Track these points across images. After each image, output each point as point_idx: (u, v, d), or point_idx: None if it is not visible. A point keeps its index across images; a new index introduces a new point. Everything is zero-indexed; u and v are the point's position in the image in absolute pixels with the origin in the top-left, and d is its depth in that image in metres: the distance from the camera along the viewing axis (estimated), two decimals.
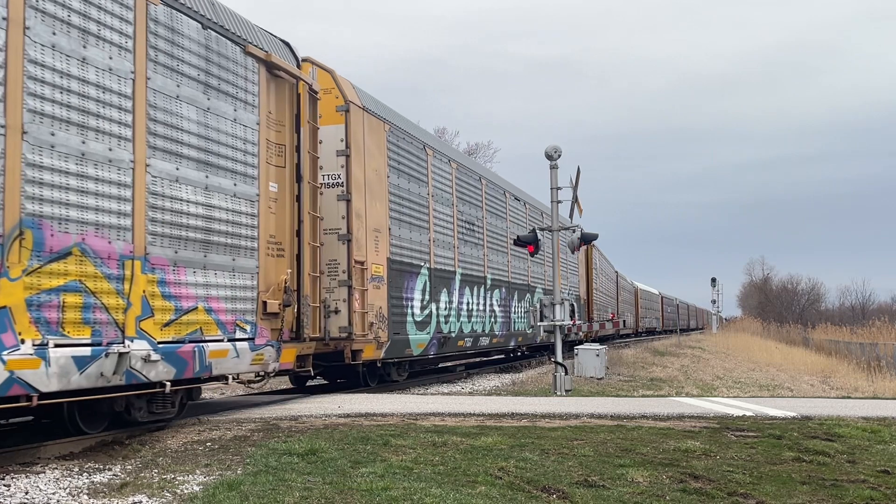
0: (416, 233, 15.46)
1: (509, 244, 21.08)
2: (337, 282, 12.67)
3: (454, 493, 5.78)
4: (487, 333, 19.32)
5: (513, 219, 22.55)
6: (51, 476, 6.54)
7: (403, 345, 14.61)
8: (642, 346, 39.58)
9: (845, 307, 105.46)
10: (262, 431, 8.51)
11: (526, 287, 23.25)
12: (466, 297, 17.93)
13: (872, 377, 26.47)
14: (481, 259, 19.19)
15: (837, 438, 8.32)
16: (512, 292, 21.58)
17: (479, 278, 18.86)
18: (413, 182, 15.50)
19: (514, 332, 21.62)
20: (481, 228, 19.39)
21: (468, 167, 19.29)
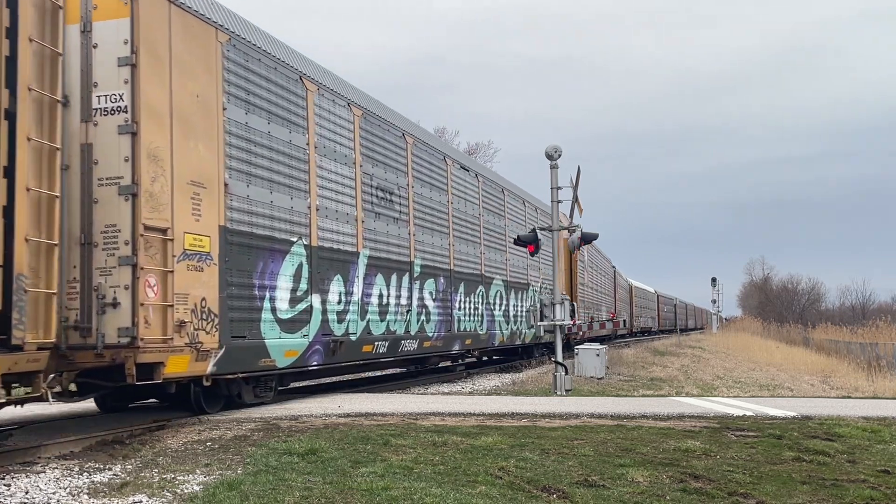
0: (284, 195, 10.96)
1: (451, 223, 17.10)
2: (116, 259, 8.34)
3: (454, 492, 5.78)
4: (415, 335, 14.90)
5: (459, 194, 17.93)
6: (51, 476, 6.54)
7: (255, 353, 10.18)
8: (642, 346, 39.57)
9: (845, 307, 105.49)
10: (263, 431, 8.51)
11: (479, 278, 18.75)
12: (379, 288, 13.57)
13: (872, 377, 26.45)
14: (406, 239, 14.72)
15: (837, 438, 8.32)
16: (456, 283, 17.16)
17: (400, 263, 14.44)
18: (278, 124, 10.93)
19: (459, 334, 17.12)
20: (405, 199, 14.83)
21: (385, 119, 14.41)
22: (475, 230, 18.77)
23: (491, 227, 20.00)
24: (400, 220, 14.57)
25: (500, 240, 20.72)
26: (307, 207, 11.50)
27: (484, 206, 19.64)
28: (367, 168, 13.42)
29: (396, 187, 14.54)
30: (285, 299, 10.86)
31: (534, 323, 16.77)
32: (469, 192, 18.62)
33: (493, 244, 20.12)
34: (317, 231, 11.72)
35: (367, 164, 13.41)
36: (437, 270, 16.21)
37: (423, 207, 15.75)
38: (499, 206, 21.03)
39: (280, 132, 11.01)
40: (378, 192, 13.86)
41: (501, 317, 20.10)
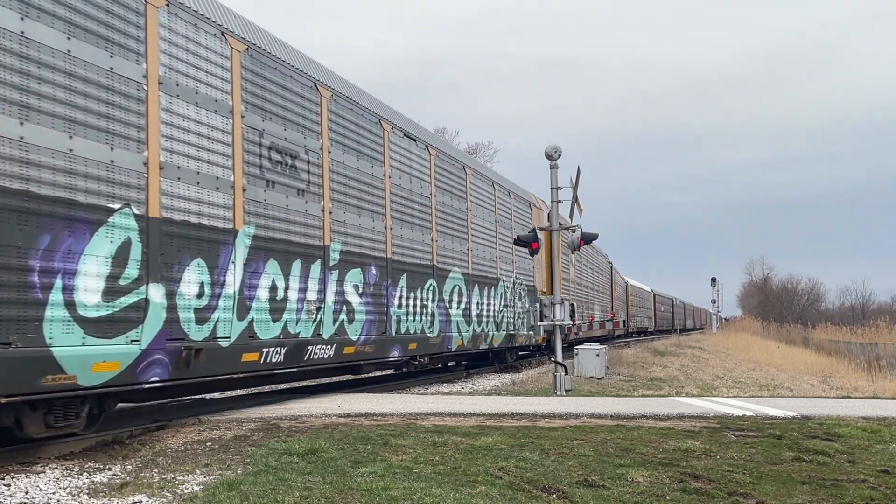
0: (97, 142, 7.81)
1: (389, 202, 13.83)
2: None
3: (454, 492, 5.78)
4: (330, 339, 11.56)
5: (402, 167, 14.54)
6: (51, 476, 6.54)
7: (34, 366, 6.99)
8: (641, 346, 39.56)
9: (845, 307, 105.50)
10: (262, 431, 8.52)
11: (429, 269, 15.45)
12: (271, 279, 10.30)
13: (872, 377, 26.46)
14: (317, 217, 11.41)
15: (837, 438, 8.32)
16: (396, 275, 13.89)
17: (307, 248, 11.15)
18: (84, 40, 7.77)
19: (398, 337, 13.84)
20: (317, 167, 11.55)
21: (283, 62, 11.09)
22: (425, 213, 15.39)
23: (447, 210, 16.55)
24: (308, 193, 11.25)
25: (461, 226, 17.36)
26: (142, 163, 8.29)
27: (438, 186, 16.17)
28: (252, 121, 10.17)
29: (304, 150, 11.23)
30: (95, 290, 7.62)
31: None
32: (416, 167, 15.16)
33: (451, 230, 16.65)
34: (159, 197, 8.52)
35: (252, 116, 10.18)
36: (367, 258, 12.86)
37: (346, 179, 12.36)
38: (459, 186, 17.48)
39: (89, 52, 7.78)
40: (272, 153, 10.53)
41: (460, 316, 16.86)
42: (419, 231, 15.14)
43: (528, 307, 21.74)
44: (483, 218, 18.93)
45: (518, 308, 21.09)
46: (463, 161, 18.43)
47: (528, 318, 21.47)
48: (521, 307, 21.27)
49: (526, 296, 21.89)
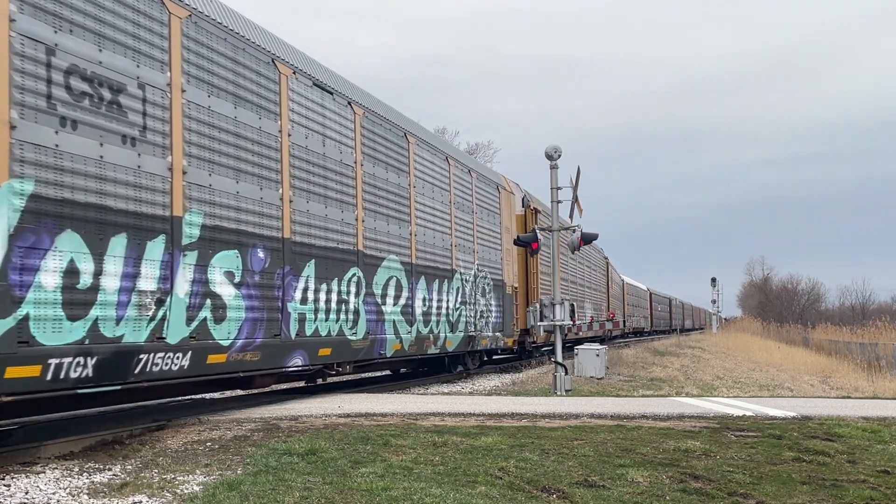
0: None
1: (289, 168, 10.84)
2: None
3: (454, 493, 5.78)
4: (180, 344, 8.64)
5: (311, 125, 11.51)
6: (51, 476, 6.54)
7: None
8: (641, 346, 39.57)
9: (845, 307, 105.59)
10: (262, 431, 8.52)
11: (353, 256, 12.36)
12: (58, 261, 7.28)
13: (872, 377, 26.46)
14: (156, 176, 8.45)
15: (837, 438, 8.33)
16: (299, 261, 10.89)
17: (135, 219, 8.15)
18: None
19: (300, 340, 10.85)
20: (158, 107, 8.55)
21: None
22: (346, 185, 12.26)
23: (380, 184, 13.46)
24: (144, 143, 8.29)
25: (401, 205, 14.27)
26: None
27: (368, 154, 13.03)
28: (33, 30, 7.13)
29: (136, 83, 8.23)
30: None
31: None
32: (334, 128, 11.99)
33: (385, 209, 13.61)
34: None
35: (27, 22, 7.07)
36: (249, 238, 9.90)
37: (214, 131, 9.40)
38: (398, 157, 14.30)
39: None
40: (72, 80, 7.46)
41: (399, 314, 13.88)
42: (336, 207, 11.91)
43: (494, 304, 19.09)
44: (433, 198, 15.76)
45: (481, 305, 18.23)
46: (405, 127, 14.81)
47: (491, 318, 18.77)
48: (484, 304, 18.44)
49: (492, 291, 19.06)
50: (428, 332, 15.27)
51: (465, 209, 17.88)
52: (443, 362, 17.89)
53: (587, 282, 34.14)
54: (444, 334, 16.03)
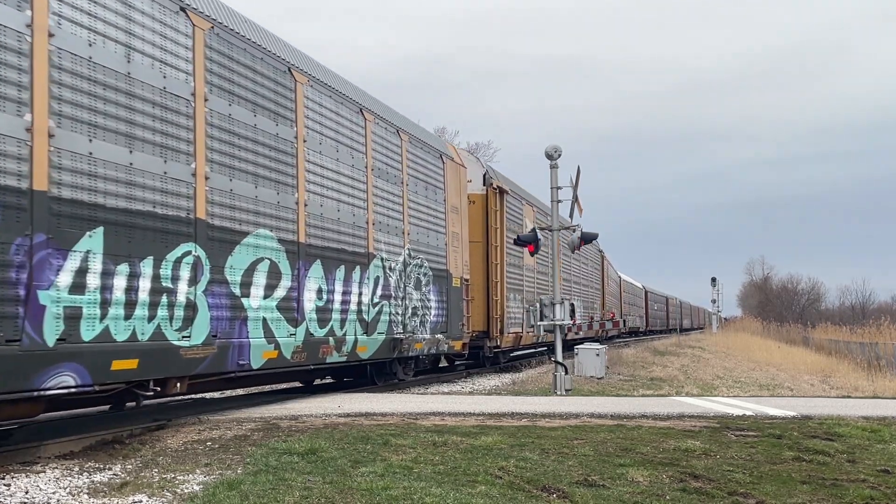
0: None
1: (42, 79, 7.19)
2: None
3: (454, 492, 5.79)
4: None
5: (136, 42, 8.40)
6: (51, 475, 6.54)
7: None
8: (641, 345, 39.56)
9: (845, 307, 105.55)
10: (262, 431, 8.52)
11: (182, 225, 8.93)
12: None
13: (872, 377, 26.47)
14: None
15: (837, 438, 8.33)
16: (61, 233, 7.31)
17: None
18: None
19: (64, 350, 7.21)
20: None
21: None
22: (171, 124, 8.75)
23: (241, 130, 9.98)
24: None
25: (280, 163, 10.76)
26: None
27: (217, 85, 9.58)
28: None
29: None
30: None
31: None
32: (147, 38, 8.49)
33: (252, 166, 10.14)
34: None
35: None
36: None
37: None
38: (275, 97, 10.76)
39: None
40: None
41: (274, 311, 10.42)
42: (153, 154, 8.44)
43: (434, 299, 15.74)
44: (337, 159, 12.06)
45: (414, 300, 14.68)
46: (289, 60, 11.20)
47: (429, 316, 15.49)
48: (419, 299, 14.94)
49: (431, 283, 15.59)
50: (326, 334, 11.47)
51: (392, 179, 13.98)
52: (347, 373, 14.72)
53: (579, 278, 31.43)
54: (355, 337, 12.28)
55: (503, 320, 19.67)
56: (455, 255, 17.13)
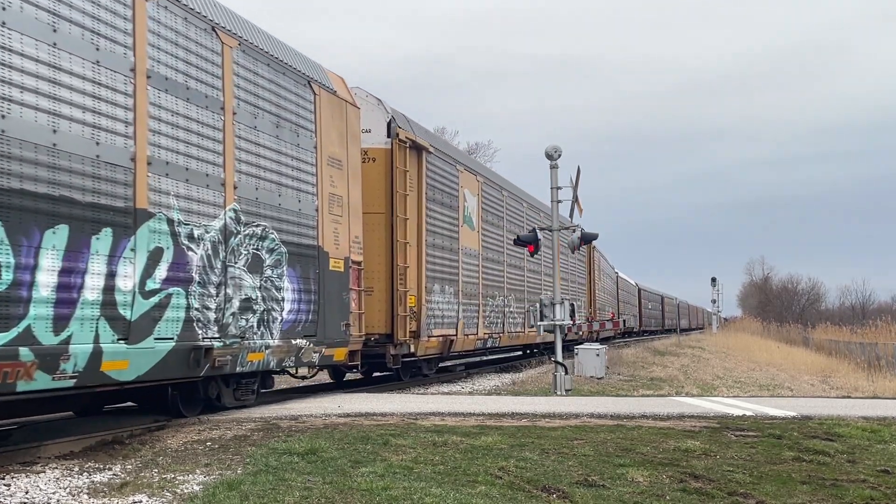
0: None
1: None
2: None
3: (454, 492, 5.78)
4: None
5: None
6: (51, 476, 6.54)
7: None
8: (641, 345, 39.56)
9: (845, 307, 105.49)
10: (262, 431, 8.52)
11: None
12: None
13: (872, 377, 26.46)
14: None
15: (837, 438, 8.33)
16: None
17: None
18: None
19: None
20: None
21: None
22: None
23: None
24: None
25: None
26: None
27: None
28: None
29: None
30: None
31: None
32: None
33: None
34: None
35: None
36: None
37: None
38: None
39: None
40: None
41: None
42: None
43: (292, 287, 10.94)
44: (53, 44, 7.28)
45: (247, 288, 9.93)
46: None
47: (283, 312, 10.68)
48: (258, 286, 10.14)
49: (286, 264, 10.79)
50: (11, 342, 6.61)
51: (198, 99, 9.23)
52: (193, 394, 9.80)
53: (562, 272, 25.69)
54: (94, 346, 7.49)
55: (420, 319, 15.07)
56: (335, 228, 12.17)
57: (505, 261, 21.63)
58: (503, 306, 20.99)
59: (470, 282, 18.49)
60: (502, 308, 20.90)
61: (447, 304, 16.91)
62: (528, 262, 23.19)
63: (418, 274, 15.29)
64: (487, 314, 19.58)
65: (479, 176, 20.05)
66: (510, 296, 21.71)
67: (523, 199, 24.20)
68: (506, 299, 21.24)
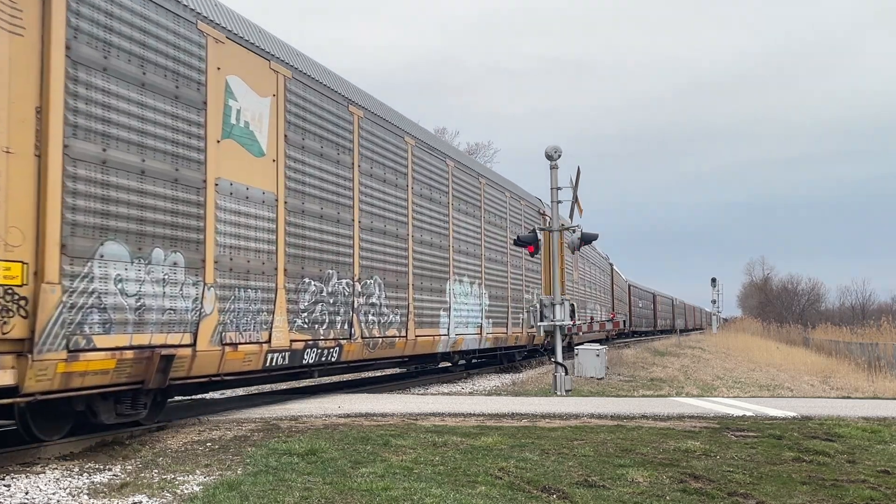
0: None
1: None
2: None
3: (454, 493, 5.78)
4: None
5: None
6: (51, 476, 6.54)
7: None
8: (642, 346, 39.55)
9: (845, 307, 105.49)
10: (262, 431, 8.51)
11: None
12: None
13: (872, 377, 26.46)
14: None
15: (837, 438, 8.33)
16: None
17: None
18: None
19: None
20: None
21: None
22: None
23: None
24: None
25: None
26: None
27: None
28: None
29: None
30: None
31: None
32: None
33: None
34: None
35: None
36: None
37: None
38: None
39: None
40: None
41: None
42: None
43: None
44: None
45: None
46: None
47: None
48: None
49: None
50: None
51: None
52: None
53: (497, 253, 19.74)
54: None
55: None
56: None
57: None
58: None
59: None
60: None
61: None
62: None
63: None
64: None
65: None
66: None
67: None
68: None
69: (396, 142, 14.49)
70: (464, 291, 17.26)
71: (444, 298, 16.09)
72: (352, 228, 12.61)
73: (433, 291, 15.61)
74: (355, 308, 12.45)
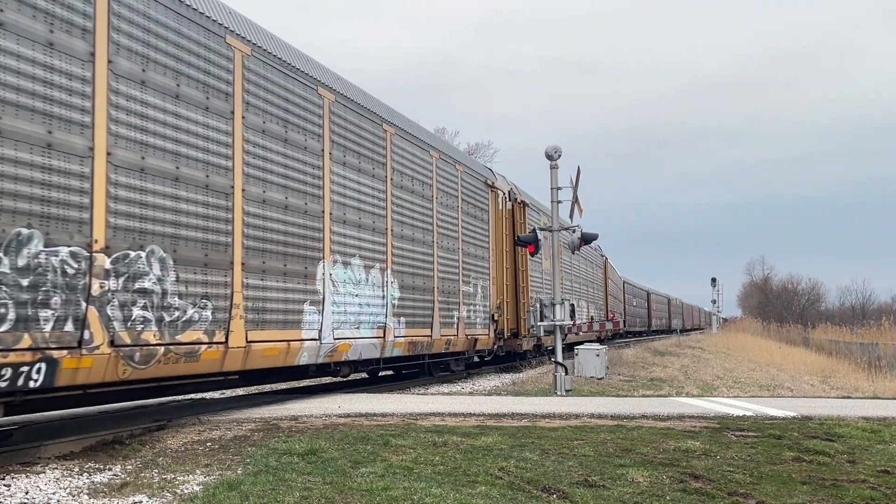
0: None
1: None
2: None
3: (454, 493, 5.78)
4: None
5: None
6: (51, 476, 6.54)
7: None
8: (642, 345, 39.54)
9: (845, 307, 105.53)
10: (263, 431, 8.52)
11: None
12: None
13: (873, 377, 26.45)
14: None
15: (837, 438, 8.33)
16: None
17: None
18: None
19: None
20: None
21: None
22: None
23: None
24: None
25: None
26: None
27: None
28: None
29: None
30: None
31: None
32: None
33: None
34: None
35: None
36: None
37: None
38: None
39: None
40: None
41: None
42: None
43: None
44: None
45: None
46: None
47: None
48: None
49: None
50: None
51: None
52: None
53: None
54: None
55: None
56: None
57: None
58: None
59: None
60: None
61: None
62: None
63: None
64: None
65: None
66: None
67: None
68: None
69: None
70: (351, 278, 12.44)
71: (311, 286, 11.26)
72: None
73: (289, 276, 10.73)
74: (93, 296, 7.46)
